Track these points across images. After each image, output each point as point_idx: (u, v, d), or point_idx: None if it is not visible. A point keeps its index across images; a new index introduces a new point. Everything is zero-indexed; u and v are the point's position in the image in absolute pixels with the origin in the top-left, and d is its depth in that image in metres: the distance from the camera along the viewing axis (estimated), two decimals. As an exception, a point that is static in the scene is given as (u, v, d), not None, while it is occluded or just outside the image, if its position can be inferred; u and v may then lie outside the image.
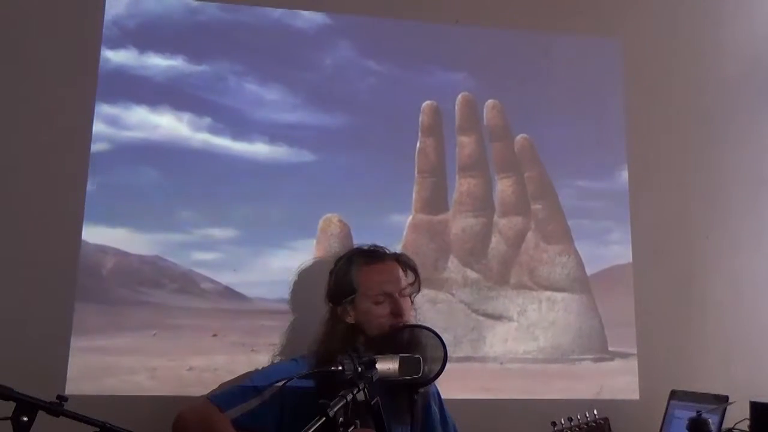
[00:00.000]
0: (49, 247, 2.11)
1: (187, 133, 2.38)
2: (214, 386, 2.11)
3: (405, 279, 1.79)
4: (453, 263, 2.46)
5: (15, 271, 2.06)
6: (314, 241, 2.38)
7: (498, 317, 2.45)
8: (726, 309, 2.45)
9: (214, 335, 2.25)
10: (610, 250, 2.58)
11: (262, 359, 2.24)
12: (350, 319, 1.76)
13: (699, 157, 2.55)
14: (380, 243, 2.29)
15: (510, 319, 2.46)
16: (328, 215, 2.39)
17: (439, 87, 2.58)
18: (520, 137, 2.58)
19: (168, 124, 2.37)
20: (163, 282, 2.28)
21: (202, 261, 2.31)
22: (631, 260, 2.57)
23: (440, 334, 1.70)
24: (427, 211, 2.47)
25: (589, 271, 2.54)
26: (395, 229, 2.44)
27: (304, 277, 2.21)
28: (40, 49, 2.27)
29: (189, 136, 2.38)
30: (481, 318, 2.44)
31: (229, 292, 2.31)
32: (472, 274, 2.47)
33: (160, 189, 2.33)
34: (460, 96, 2.57)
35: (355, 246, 1.95)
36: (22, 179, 2.16)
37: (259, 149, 2.42)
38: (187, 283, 2.29)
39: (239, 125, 2.40)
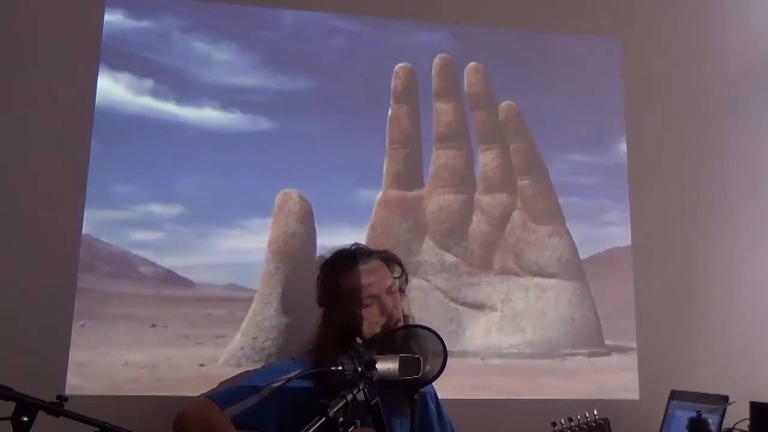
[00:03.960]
0: (48, 245, 2.07)
1: (125, 96, 2.23)
2: (152, 383, 2.06)
3: (391, 276, 1.83)
4: (428, 245, 2.34)
5: (14, 270, 2.03)
6: (270, 220, 2.24)
7: (479, 307, 2.34)
8: (726, 309, 2.45)
9: (153, 326, 2.12)
10: (607, 231, 2.47)
11: (208, 353, 2.12)
12: (342, 321, 1.79)
13: (699, 155, 2.55)
14: (346, 222, 2.28)
15: (493, 309, 2.35)
16: (287, 190, 2.26)
17: (414, 48, 2.44)
18: (505, 104, 2.46)
19: (103, 87, 2.22)
20: (94, 265, 2.11)
21: (140, 241, 2.16)
22: (629, 243, 2.47)
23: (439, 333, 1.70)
24: (399, 186, 2.35)
25: (583, 254, 2.43)
26: (363, 207, 2.31)
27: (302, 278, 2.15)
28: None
29: (128, 101, 2.23)
30: (460, 307, 2.32)
31: (171, 277, 2.16)
32: (450, 258, 2.34)
33: (93, 159, 2.17)
34: (437, 58, 2.45)
35: (334, 248, 1.93)
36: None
37: (208, 115, 2.27)
38: (122, 266, 2.13)
39: (185, 88, 2.26)
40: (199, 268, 2.17)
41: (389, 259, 1.88)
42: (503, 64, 2.48)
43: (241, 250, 2.20)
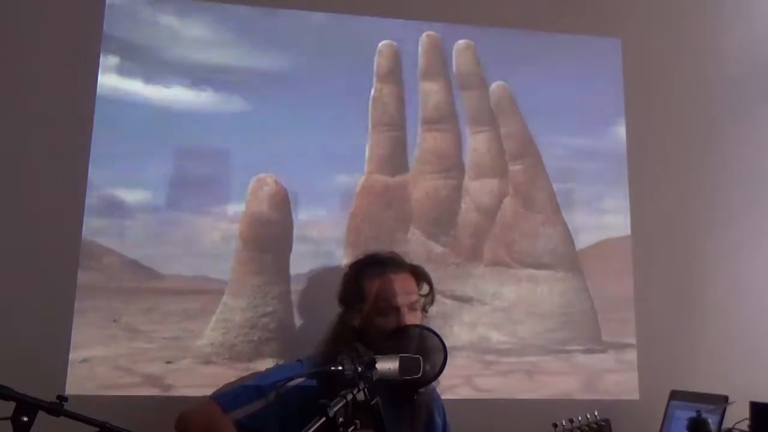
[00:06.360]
0: (48, 244, 2.04)
1: (88, 74, 2.15)
2: (113, 381, 2.00)
3: (417, 292, 1.84)
4: (414, 235, 2.26)
5: (14, 269, 2.01)
6: (243, 207, 2.16)
7: (467, 300, 2.27)
8: (726, 308, 2.46)
9: (115, 320, 2.03)
10: (605, 220, 2.41)
11: (175, 349, 2.05)
12: (357, 324, 1.80)
13: (699, 152, 2.56)
14: (325, 209, 2.22)
15: (482, 303, 2.28)
16: (261, 175, 2.18)
17: (399, 25, 2.36)
18: (496, 85, 2.39)
19: (64, 64, 2.14)
20: (53, 254, 2.03)
21: (103, 229, 2.07)
22: (629, 232, 2.41)
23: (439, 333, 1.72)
24: (383, 171, 2.28)
25: (579, 245, 2.37)
26: (344, 193, 2.24)
27: (314, 283, 2.16)
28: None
29: (91, 79, 2.15)
30: (447, 301, 2.23)
31: (136, 268, 2.07)
32: (436, 248, 2.27)
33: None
34: (424, 35, 2.38)
35: (370, 251, 1.93)
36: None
37: (177, 95, 2.19)
38: (83, 256, 2.04)
39: (153, 66, 2.19)
40: (166, 259, 2.09)
41: (420, 276, 1.87)
42: (494, 45, 2.41)
43: (212, 239, 2.12)
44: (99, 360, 1.98)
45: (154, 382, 2.00)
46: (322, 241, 2.18)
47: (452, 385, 2.14)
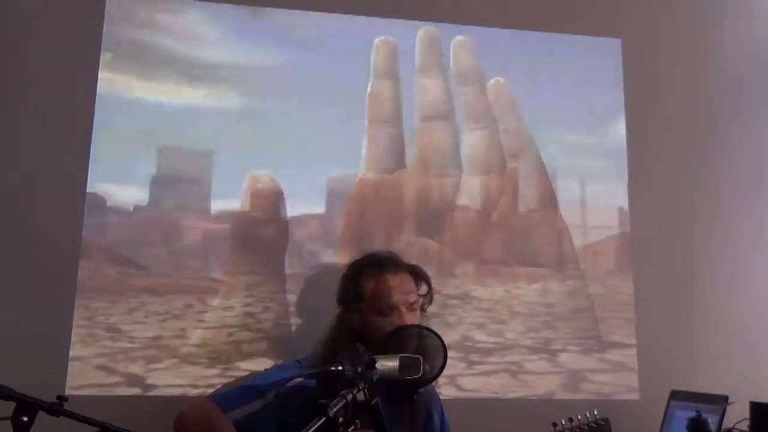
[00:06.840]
0: (47, 244, 2.03)
1: (80, 70, 2.13)
2: (101, 381, 1.98)
3: (415, 292, 1.85)
4: (409, 232, 2.25)
5: (14, 269, 2.00)
6: (237, 204, 2.14)
7: (463, 298, 2.25)
8: (726, 309, 2.46)
9: (107, 318, 2.01)
10: (604, 218, 2.39)
11: (166, 349, 2.02)
12: (356, 325, 1.81)
13: (699, 153, 2.56)
14: (321, 207, 2.20)
15: (479, 301, 2.26)
16: (256, 173, 2.16)
17: (397, 24, 2.34)
18: (494, 81, 2.38)
19: (57, 59, 2.12)
20: (44, 252, 2.01)
21: (93, 226, 2.04)
22: (629, 230, 2.40)
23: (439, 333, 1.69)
24: (379, 168, 2.26)
25: (578, 243, 2.35)
26: (339, 191, 2.22)
27: (310, 282, 2.15)
28: None
29: (83, 75, 2.13)
30: (443, 299, 2.20)
31: (126, 266, 2.05)
32: (433, 246, 2.25)
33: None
34: (422, 30, 2.37)
35: (368, 251, 1.93)
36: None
37: (170, 91, 2.17)
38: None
39: (146, 62, 2.17)
40: (157, 257, 2.06)
41: (418, 275, 1.87)
42: (494, 45, 2.39)
43: (205, 238, 2.10)
44: (87, 360, 1.95)
45: (141, 383, 1.97)
46: (318, 240, 2.16)
47: (448, 384, 2.11)
